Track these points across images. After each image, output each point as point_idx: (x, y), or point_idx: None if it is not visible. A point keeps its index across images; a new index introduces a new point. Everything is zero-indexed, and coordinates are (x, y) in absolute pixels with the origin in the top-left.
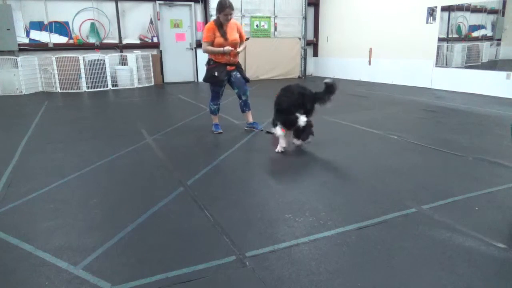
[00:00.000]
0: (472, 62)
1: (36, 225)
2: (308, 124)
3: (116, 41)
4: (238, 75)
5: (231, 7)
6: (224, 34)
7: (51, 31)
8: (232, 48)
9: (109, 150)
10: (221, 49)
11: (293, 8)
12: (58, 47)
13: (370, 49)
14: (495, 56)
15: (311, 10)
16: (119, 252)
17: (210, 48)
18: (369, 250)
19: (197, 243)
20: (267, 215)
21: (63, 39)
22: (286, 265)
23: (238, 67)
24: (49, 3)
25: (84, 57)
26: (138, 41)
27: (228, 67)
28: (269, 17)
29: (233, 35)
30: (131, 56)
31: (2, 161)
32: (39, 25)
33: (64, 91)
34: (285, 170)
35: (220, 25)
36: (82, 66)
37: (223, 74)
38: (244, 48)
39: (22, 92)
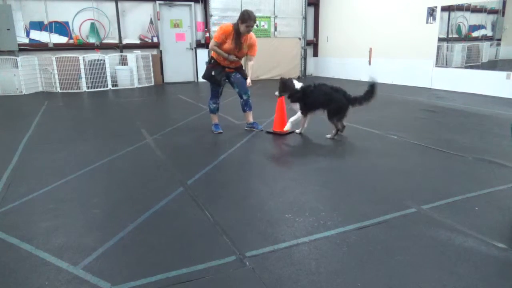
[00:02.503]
0: (472, 62)
1: (36, 225)
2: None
3: (116, 41)
4: (238, 75)
5: (254, 20)
6: (238, 45)
7: (51, 31)
8: (236, 59)
9: (109, 150)
10: (226, 54)
11: (293, 8)
12: (58, 47)
13: (370, 49)
14: (495, 56)
15: (311, 10)
16: (119, 252)
17: (217, 49)
18: (369, 250)
19: (197, 243)
20: (267, 215)
21: (63, 39)
22: (286, 265)
23: (239, 68)
24: (49, 3)
25: (84, 57)
26: (138, 41)
27: (226, 69)
28: (269, 17)
29: (243, 49)
30: (131, 56)
31: (2, 161)
32: (39, 25)
33: (64, 91)
34: (285, 170)
35: (237, 33)
36: (82, 66)
37: (221, 75)
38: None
39: (22, 92)
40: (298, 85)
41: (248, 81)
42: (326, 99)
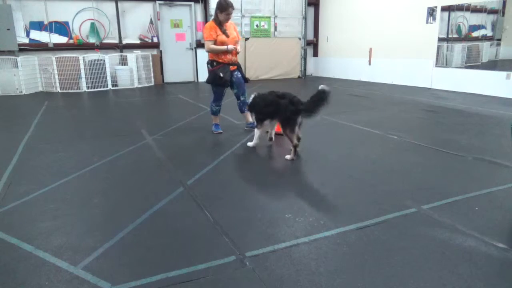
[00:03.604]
0: (472, 62)
1: (36, 225)
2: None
3: (116, 41)
4: (239, 74)
5: (232, 7)
6: (225, 32)
7: (51, 31)
8: (235, 47)
9: (109, 150)
10: (225, 47)
11: (293, 8)
12: (58, 47)
13: (370, 49)
14: (495, 56)
15: (311, 10)
16: (119, 252)
17: (214, 46)
18: (369, 250)
19: (197, 243)
20: (267, 215)
21: (63, 39)
22: (286, 265)
23: (238, 66)
24: (49, 3)
25: (84, 57)
26: (138, 41)
27: (230, 67)
28: (269, 17)
29: (233, 33)
30: (131, 56)
31: (2, 161)
32: (39, 25)
33: (64, 91)
34: (285, 170)
35: (220, 24)
36: (82, 66)
37: (228, 74)
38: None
39: (22, 92)
40: (252, 96)
41: (238, 48)
42: (274, 108)
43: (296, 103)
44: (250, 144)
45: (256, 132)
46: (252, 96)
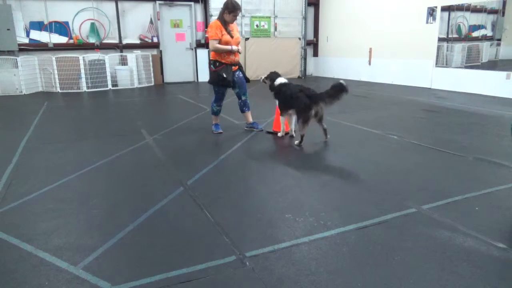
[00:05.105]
0: (472, 62)
1: (36, 225)
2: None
3: (116, 41)
4: (241, 74)
5: (240, 9)
6: (230, 33)
7: (51, 31)
8: (238, 48)
9: (109, 150)
10: (229, 47)
11: (293, 8)
12: (58, 47)
13: (370, 49)
14: (495, 56)
15: (311, 10)
16: (119, 252)
17: (219, 46)
18: (369, 250)
19: (197, 243)
20: (267, 215)
21: (63, 39)
22: (286, 265)
23: (239, 66)
24: (49, 3)
25: (84, 57)
26: (138, 41)
27: (233, 67)
28: (269, 17)
29: (236, 34)
30: (131, 56)
31: (2, 161)
32: (39, 25)
33: (64, 91)
34: (285, 170)
35: (225, 24)
36: (82, 66)
37: (231, 75)
38: None
39: (22, 92)
40: (279, 81)
41: (240, 47)
42: (292, 100)
43: (311, 96)
44: (279, 134)
45: (282, 120)
46: (279, 81)
